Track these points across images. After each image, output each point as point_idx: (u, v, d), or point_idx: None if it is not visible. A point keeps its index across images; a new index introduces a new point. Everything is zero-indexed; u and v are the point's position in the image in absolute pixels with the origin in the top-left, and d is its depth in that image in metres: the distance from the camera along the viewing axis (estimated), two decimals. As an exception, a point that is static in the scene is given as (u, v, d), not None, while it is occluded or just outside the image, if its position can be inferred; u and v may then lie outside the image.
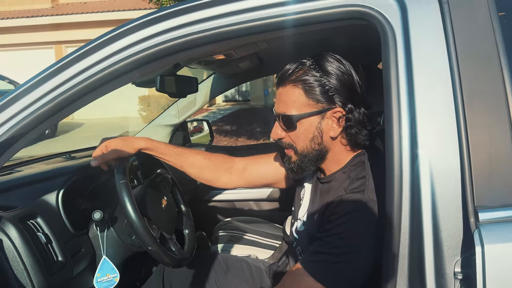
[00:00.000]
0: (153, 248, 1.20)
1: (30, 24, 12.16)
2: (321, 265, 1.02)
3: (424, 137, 0.86)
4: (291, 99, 1.09)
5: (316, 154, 1.12)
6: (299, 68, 1.09)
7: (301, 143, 1.12)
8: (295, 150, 1.14)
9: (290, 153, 1.16)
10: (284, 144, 1.16)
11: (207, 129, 2.87)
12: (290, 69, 1.10)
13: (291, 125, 1.10)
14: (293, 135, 1.12)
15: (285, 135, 1.14)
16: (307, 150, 1.12)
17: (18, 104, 1.03)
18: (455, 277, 0.84)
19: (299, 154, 1.13)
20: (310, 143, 1.11)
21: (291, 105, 1.09)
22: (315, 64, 1.08)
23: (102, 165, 1.29)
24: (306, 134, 1.10)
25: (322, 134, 1.10)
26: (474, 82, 0.86)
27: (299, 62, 1.10)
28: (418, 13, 0.90)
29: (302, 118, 1.09)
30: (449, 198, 0.84)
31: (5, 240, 1.08)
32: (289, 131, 1.12)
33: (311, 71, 1.07)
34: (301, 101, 1.08)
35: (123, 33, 1.03)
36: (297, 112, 1.09)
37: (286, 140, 1.15)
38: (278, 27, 0.99)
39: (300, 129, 1.10)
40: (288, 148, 1.15)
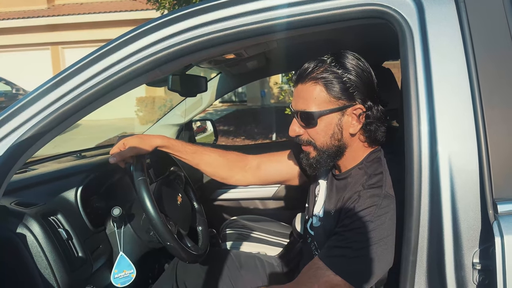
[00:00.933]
0: (171, 243, 1.22)
1: (26, 25, 12.10)
2: (341, 260, 1.04)
3: (443, 133, 0.89)
4: (311, 96, 1.11)
5: (335, 150, 1.14)
6: (319, 65, 1.10)
7: (320, 139, 1.13)
8: (314, 146, 1.15)
9: (309, 149, 1.17)
10: (302, 140, 1.17)
11: (211, 128, 2.88)
12: (310, 66, 1.11)
13: (311, 121, 1.12)
14: (313, 132, 1.13)
15: (304, 132, 1.16)
16: (327, 146, 1.14)
17: (40, 103, 1.04)
18: (473, 268, 0.87)
19: (319, 150, 1.15)
20: (330, 139, 1.13)
21: (312, 101, 1.11)
22: (336, 61, 1.10)
23: (120, 162, 1.31)
24: (326, 130, 1.12)
25: (342, 130, 1.12)
26: (492, 79, 0.88)
27: (319, 60, 1.12)
28: (435, 12, 0.93)
29: (322, 115, 1.10)
30: (468, 190, 0.87)
31: (28, 236, 1.10)
32: (309, 128, 1.14)
33: (332, 68, 1.09)
34: (322, 98, 1.10)
35: (143, 32, 1.04)
36: (317, 109, 1.10)
37: (305, 137, 1.16)
38: (296, 25, 1.01)
39: (321, 125, 1.11)
40: (307, 145, 1.17)
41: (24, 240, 1.09)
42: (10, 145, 1.00)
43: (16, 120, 1.02)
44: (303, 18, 0.99)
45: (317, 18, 0.99)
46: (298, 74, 1.14)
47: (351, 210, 1.06)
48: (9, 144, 1.00)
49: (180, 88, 1.74)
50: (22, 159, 1.05)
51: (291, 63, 2.41)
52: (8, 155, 1.00)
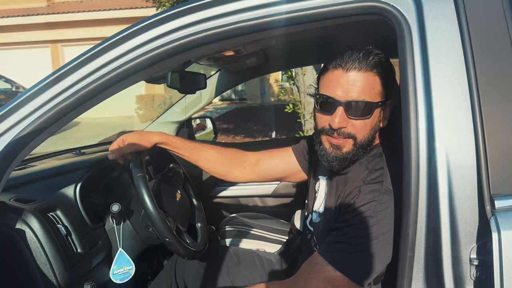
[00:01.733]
0: (170, 239, 1.22)
1: (25, 23, 12.11)
2: (341, 255, 1.04)
3: (441, 129, 0.89)
4: (370, 86, 1.06)
5: (369, 143, 1.12)
6: (371, 55, 1.07)
7: (365, 132, 1.10)
8: (355, 140, 1.10)
9: (345, 143, 1.11)
10: (343, 133, 1.09)
11: (211, 126, 2.88)
12: (362, 55, 1.06)
13: (368, 112, 1.07)
14: (361, 124, 1.08)
15: (347, 124, 1.08)
16: (366, 139, 1.10)
17: (38, 100, 1.04)
18: (471, 263, 0.87)
19: (358, 143, 1.10)
20: (371, 132, 1.10)
21: (370, 92, 1.06)
22: (379, 53, 1.09)
23: (119, 158, 1.31)
24: (372, 123, 1.09)
25: (380, 123, 1.12)
26: (489, 75, 0.89)
27: (365, 49, 1.08)
28: (434, 8, 0.93)
29: (378, 106, 1.08)
30: (465, 186, 0.87)
31: (27, 232, 1.10)
32: (359, 119, 1.08)
33: (381, 59, 1.08)
34: (378, 89, 1.08)
35: (142, 28, 1.04)
36: (374, 99, 1.07)
37: (348, 130, 1.09)
38: (294, 22, 1.01)
39: (372, 117, 1.08)
40: (346, 138, 1.10)
41: (23, 235, 1.09)
42: (8, 141, 1.00)
43: (15, 117, 1.02)
44: (301, 15, 1.00)
45: (315, 15, 0.99)
46: (350, 61, 1.06)
47: (351, 205, 1.07)
48: (7, 140, 1.00)
49: (179, 85, 1.75)
50: (21, 155, 1.05)
51: (292, 60, 2.42)
52: (7, 151, 1.00)
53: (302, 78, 5.23)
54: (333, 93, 1.08)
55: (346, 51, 1.08)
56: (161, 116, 2.52)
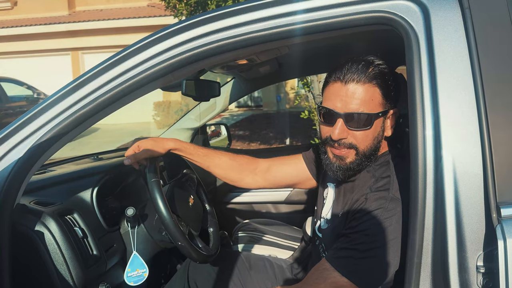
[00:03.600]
0: (182, 243, 1.25)
1: (47, 31, 12.40)
2: (347, 261, 1.05)
3: (448, 137, 0.90)
4: (369, 97, 1.08)
5: (373, 153, 1.13)
6: (369, 66, 1.09)
7: (367, 142, 1.11)
8: (357, 150, 1.12)
9: (348, 153, 1.13)
10: (344, 144, 1.12)
11: (225, 132, 2.91)
12: (360, 67, 1.09)
13: (367, 124, 1.09)
14: (362, 135, 1.10)
15: (348, 135, 1.11)
16: (369, 150, 1.12)
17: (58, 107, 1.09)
18: (477, 271, 0.87)
19: (360, 154, 1.12)
20: (373, 141, 1.12)
21: (369, 103, 1.08)
22: (381, 64, 1.10)
23: (134, 164, 1.35)
24: (374, 133, 1.11)
25: (382, 133, 1.13)
26: (496, 83, 0.90)
27: (366, 60, 1.10)
28: (441, 18, 0.94)
29: (378, 117, 1.10)
30: (471, 194, 0.88)
31: (46, 234, 1.14)
32: (359, 130, 1.09)
33: (382, 70, 1.10)
34: (378, 100, 1.09)
35: (157, 39, 1.08)
36: (374, 111, 1.09)
37: (348, 140, 1.11)
38: (305, 32, 1.04)
39: (373, 128, 1.10)
40: (348, 148, 1.12)
41: (42, 237, 1.14)
42: (30, 147, 1.05)
43: (36, 123, 1.07)
44: (312, 25, 1.02)
45: (325, 25, 1.02)
46: (351, 75, 1.08)
47: (358, 212, 1.08)
48: (29, 145, 1.05)
49: (194, 93, 1.78)
50: (41, 160, 1.10)
51: (304, 68, 2.44)
52: (28, 156, 1.05)
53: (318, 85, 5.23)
54: (333, 105, 1.10)
55: (346, 64, 1.10)
56: (177, 123, 2.57)
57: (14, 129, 1.06)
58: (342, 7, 1.00)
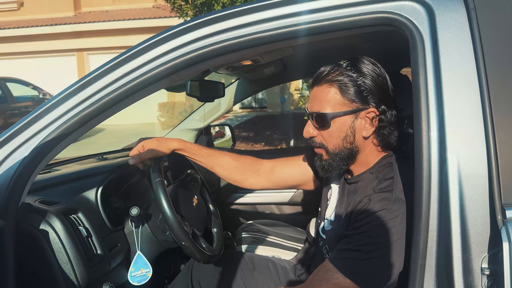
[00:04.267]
0: (186, 243, 1.25)
1: (53, 32, 12.46)
2: (350, 262, 1.05)
3: (453, 139, 0.90)
4: (326, 98, 1.14)
5: (347, 153, 1.16)
6: (335, 69, 1.14)
7: (333, 141, 1.16)
8: (327, 149, 1.18)
9: (321, 151, 1.20)
10: (315, 142, 1.20)
11: (229, 133, 2.91)
12: (326, 70, 1.15)
13: (325, 123, 1.14)
14: (326, 134, 1.16)
15: (317, 134, 1.19)
16: (339, 149, 1.16)
17: (63, 107, 1.09)
18: (482, 273, 0.87)
19: (331, 153, 1.17)
20: (342, 142, 1.15)
21: (326, 103, 1.14)
22: (351, 65, 1.13)
23: (139, 164, 1.35)
24: (339, 133, 1.14)
25: (355, 133, 1.14)
26: (501, 85, 0.89)
27: (335, 64, 1.15)
28: (446, 18, 0.94)
29: (336, 116, 1.13)
30: (476, 196, 0.87)
31: (50, 232, 1.15)
32: (322, 129, 1.16)
33: (347, 71, 1.12)
34: (336, 100, 1.13)
35: (162, 39, 1.09)
36: (331, 110, 1.13)
37: (318, 139, 1.19)
38: (310, 33, 1.04)
39: (333, 127, 1.14)
40: (319, 147, 1.19)
41: (47, 236, 1.14)
42: (35, 146, 1.05)
43: (41, 123, 1.07)
44: (317, 26, 1.02)
45: (330, 26, 1.02)
46: (314, 77, 1.17)
47: (362, 214, 1.08)
48: (34, 145, 1.06)
49: (198, 93, 1.79)
50: (46, 159, 1.10)
51: (309, 69, 2.43)
52: (33, 156, 1.05)
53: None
54: (307, 106, 1.21)
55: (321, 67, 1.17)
56: (181, 123, 2.57)
57: (19, 129, 1.07)
58: (347, 8, 1.00)
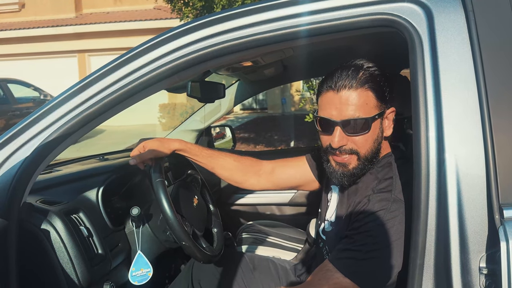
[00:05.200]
0: (186, 243, 1.26)
1: (54, 33, 12.49)
2: (350, 262, 1.06)
3: (451, 139, 0.90)
4: (363, 102, 1.09)
5: (374, 155, 1.14)
6: (360, 71, 1.10)
7: (367, 146, 1.12)
8: (359, 155, 1.13)
9: (350, 159, 1.13)
10: (345, 151, 1.13)
11: (230, 135, 2.92)
12: (351, 73, 1.09)
13: (365, 128, 1.10)
14: (361, 139, 1.11)
15: (347, 141, 1.12)
16: (370, 153, 1.13)
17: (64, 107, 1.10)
18: (480, 272, 0.88)
19: (362, 158, 1.13)
20: (373, 144, 1.13)
21: (364, 108, 1.09)
22: (371, 67, 1.12)
23: (139, 164, 1.36)
24: (373, 136, 1.12)
25: (382, 134, 1.14)
26: (499, 86, 0.90)
27: (354, 66, 1.12)
28: (444, 20, 0.95)
29: (374, 120, 1.10)
30: (474, 195, 0.88)
31: (52, 232, 1.16)
32: (358, 135, 1.10)
33: (371, 72, 1.11)
34: (373, 103, 1.10)
35: (162, 41, 1.09)
36: (370, 114, 1.09)
37: (349, 147, 1.12)
38: (311, 34, 1.04)
39: (371, 131, 1.11)
40: (350, 154, 1.13)
41: (48, 235, 1.15)
42: (36, 146, 1.06)
43: (43, 123, 1.08)
44: (317, 27, 1.03)
45: (329, 27, 1.03)
46: (342, 82, 1.09)
47: (361, 214, 1.09)
48: (35, 145, 1.06)
49: (199, 94, 1.80)
50: (47, 159, 1.11)
51: (309, 70, 2.45)
52: (34, 155, 1.06)
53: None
54: (329, 114, 1.11)
55: (336, 71, 1.11)
56: (182, 124, 2.58)
57: (21, 129, 1.08)
58: (346, 10, 1.01)
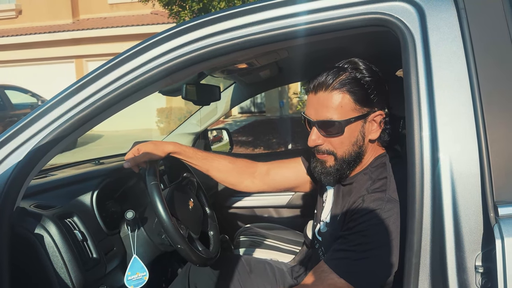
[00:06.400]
0: (182, 246, 1.25)
1: (51, 39, 12.50)
2: (345, 262, 1.05)
3: (444, 138, 0.90)
4: (337, 104, 1.10)
5: (354, 158, 1.15)
6: (341, 73, 1.11)
7: (344, 148, 1.13)
8: (335, 156, 1.15)
9: (327, 158, 1.16)
10: (321, 150, 1.16)
11: (227, 138, 2.92)
12: (330, 75, 1.11)
13: (338, 130, 1.11)
14: (336, 141, 1.13)
15: (323, 141, 1.14)
16: (348, 155, 1.14)
17: (58, 110, 1.10)
18: (476, 271, 0.87)
19: (339, 159, 1.15)
20: (352, 147, 1.13)
21: (338, 110, 1.10)
22: (356, 68, 1.11)
23: (134, 167, 1.36)
24: (350, 138, 1.12)
25: (364, 137, 1.14)
26: (492, 84, 0.90)
27: (338, 68, 1.12)
28: (436, 19, 0.95)
29: (349, 123, 1.10)
30: (469, 194, 0.88)
31: (45, 236, 1.15)
32: (333, 137, 1.12)
33: (354, 75, 1.10)
34: (348, 106, 1.10)
35: (154, 43, 1.09)
36: (344, 117, 1.10)
37: (325, 147, 1.15)
38: (303, 34, 1.04)
39: (346, 134, 1.11)
40: (326, 154, 1.15)
41: (41, 240, 1.14)
42: (29, 150, 1.06)
43: (35, 127, 1.08)
44: (308, 27, 1.03)
45: (321, 27, 1.02)
46: (319, 83, 1.12)
47: (356, 214, 1.08)
48: (28, 149, 1.06)
49: (194, 97, 1.80)
50: (40, 163, 1.10)
51: (305, 72, 2.44)
52: (27, 160, 1.06)
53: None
54: (309, 113, 1.16)
55: (320, 72, 1.13)
56: (178, 128, 2.58)
57: (13, 133, 1.07)
58: (338, 9, 1.00)
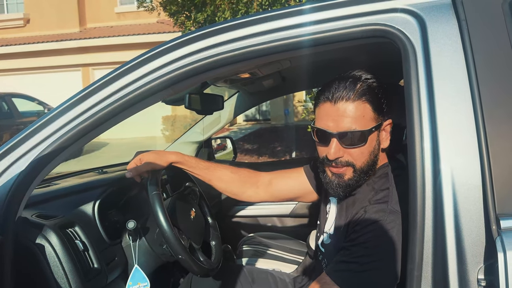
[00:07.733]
0: (183, 256, 1.25)
1: (59, 47, 12.61)
2: (347, 274, 1.04)
3: (446, 149, 0.90)
4: (360, 114, 1.08)
5: (371, 168, 1.13)
6: (357, 83, 1.09)
7: (363, 158, 1.11)
8: (354, 167, 1.12)
9: (346, 170, 1.13)
10: (341, 162, 1.12)
11: (231, 146, 2.92)
12: (349, 85, 1.09)
13: (362, 140, 1.09)
14: (357, 152, 1.10)
15: (343, 153, 1.11)
16: (366, 165, 1.12)
17: (61, 120, 1.10)
18: (478, 284, 0.86)
19: (358, 170, 1.12)
20: (370, 156, 1.12)
21: (360, 120, 1.08)
22: (369, 78, 1.11)
23: (136, 177, 1.36)
24: (369, 148, 1.11)
25: (379, 146, 1.14)
26: (493, 95, 0.89)
27: (352, 77, 1.11)
28: (437, 30, 0.95)
29: (371, 132, 1.09)
30: (471, 206, 0.87)
31: (47, 246, 1.15)
32: (355, 147, 1.10)
33: (369, 84, 1.10)
34: (369, 115, 1.09)
35: (159, 53, 1.10)
36: (366, 127, 1.09)
37: (345, 158, 1.11)
38: (304, 45, 1.05)
39: (367, 144, 1.10)
40: (345, 166, 1.12)
41: (43, 250, 1.15)
42: (31, 160, 1.06)
43: (38, 137, 1.08)
44: (309, 39, 1.03)
45: (323, 38, 1.03)
46: (339, 94, 1.09)
47: (358, 225, 1.07)
48: (31, 159, 1.06)
49: (197, 107, 1.80)
50: (42, 173, 1.11)
51: (308, 81, 2.45)
52: (29, 170, 1.06)
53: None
54: (326, 125, 1.11)
55: (334, 82, 1.11)
56: (182, 136, 2.58)
57: (16, 143, 1.08)
58: (340, 21, 1.01)
